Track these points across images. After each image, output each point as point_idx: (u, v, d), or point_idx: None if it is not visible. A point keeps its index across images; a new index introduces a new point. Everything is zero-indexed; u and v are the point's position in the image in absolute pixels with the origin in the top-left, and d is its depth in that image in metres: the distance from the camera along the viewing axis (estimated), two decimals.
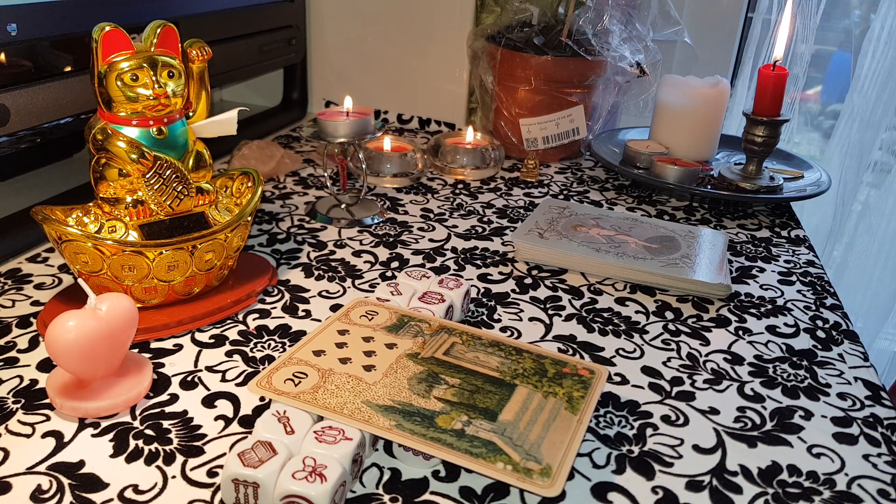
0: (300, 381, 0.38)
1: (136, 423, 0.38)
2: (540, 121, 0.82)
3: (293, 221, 0.65)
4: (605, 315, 0.52)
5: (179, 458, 0.36)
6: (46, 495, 0.33)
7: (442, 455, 0.33)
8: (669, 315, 0.52)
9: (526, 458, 0.33)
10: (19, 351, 0.44)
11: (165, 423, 0.38)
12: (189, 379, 0.42)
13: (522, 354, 0.41)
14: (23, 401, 0.40)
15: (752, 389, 0.44)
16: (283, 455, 0.33)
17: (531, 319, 0.50)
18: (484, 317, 0.51)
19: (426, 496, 0.34)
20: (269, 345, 0.46)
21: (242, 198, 0.51)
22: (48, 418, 0.38)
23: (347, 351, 0.40)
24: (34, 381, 0.41)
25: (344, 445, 0.33)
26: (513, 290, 0.55)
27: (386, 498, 0.34)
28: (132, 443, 0.37)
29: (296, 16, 0.91)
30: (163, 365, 0.43)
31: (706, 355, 0.47)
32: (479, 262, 0.59)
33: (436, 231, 0.65)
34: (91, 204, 0.46)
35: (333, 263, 0.57)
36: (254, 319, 0.49)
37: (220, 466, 0.35)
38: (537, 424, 0.35)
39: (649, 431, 0.40)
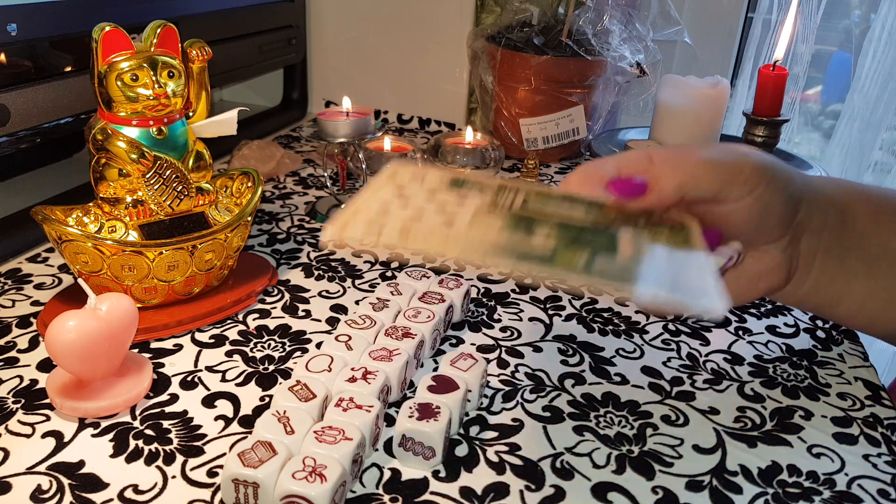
0: (380, 232, 0.30)
1: (136, 423, 0.38)
2: (540, 121, 0.82)
3: (293, 221, 0.65)
4: (605, 315, 0.52)
5: (179, 458, 0.36)
6: (46, 495, 0.33)
7: (595, 284, 0.28)
8: (669, 315, 0.52)
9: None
10: (19, 351, 0.44)
11: (165, 423, 0.38)
12: (189, 379, 0.42)
13: (603, 208, 0.34)
14: (23, 401, 0.40)
15: (752, 389, 0.44)
16: (282, 455, 0.33)
17: (531, 319, 0.50)
18: (484, 317, 0.51)
19: (426, 496, 0.34)
20: (269, 345, 0.46)
21: (242, 198, 0.51)
22: (48, 418, 0.38)
23: (414, 207, 0.33)
24: (34, 381, 0.41)
25: (344, 445, 0.33)
26: (513, 290, 0.54)
27: (386, 498, 0.34)
28: (132, 443, 0.37)
29: (296, 16, 0.91)
30: (163, 365, 0.43)
31: (706, 355, 0.47)
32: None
33: None
34: (91, 204, 0.46)
35: (333, 263, 0.57)
36: (254, 319, 0.49)
37: (220, 466, 0.35)
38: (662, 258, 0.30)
39: (649, 431, 0.40)
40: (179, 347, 0.45)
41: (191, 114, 0.49)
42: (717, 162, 0.35)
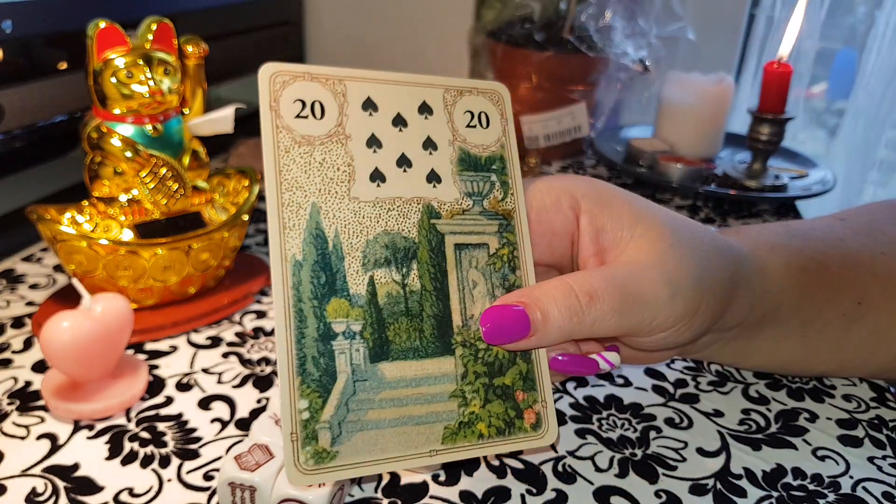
0: None
1: (132, 426, 0.38)
2: (541, 118, 0.82)
3: None
4: None
5: (175, 461, 0.35)
6: (41, 498, 0.33)
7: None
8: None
9: None
10: (14, 352, 0.43)
11: (161, 426, 0.38)
12: (184, 381, 0.42)
13: None
14: (17, 402, 0.39)
15: (756, 391, 0.43)
16: (280, 458, 0.32)
17: None
18: None
19: (425, 500, 0.34)
20: (267, 346, 0.45)
21: (239, 197, 0.51)
22: (43, 420, 0.38)
23: None
24: (29, 383, 0.41)
25: None
26: None
27: (385, 502, 0.34)
28: (127, 445, 0.36)
29: (293, 12, 0.90)
30: (158, 367, 0.43)
31: None
32: None
33: None
34: (86, 203, 0.46)
35: None
36: (251, 320, 0.48)
37: (217, 470, 0.35)
38: None
39: (652, 434, 0.39)
40: (175, 349, 0.44)
41: (187, 111, 0.48)
42: (639, 302, 0.29)
